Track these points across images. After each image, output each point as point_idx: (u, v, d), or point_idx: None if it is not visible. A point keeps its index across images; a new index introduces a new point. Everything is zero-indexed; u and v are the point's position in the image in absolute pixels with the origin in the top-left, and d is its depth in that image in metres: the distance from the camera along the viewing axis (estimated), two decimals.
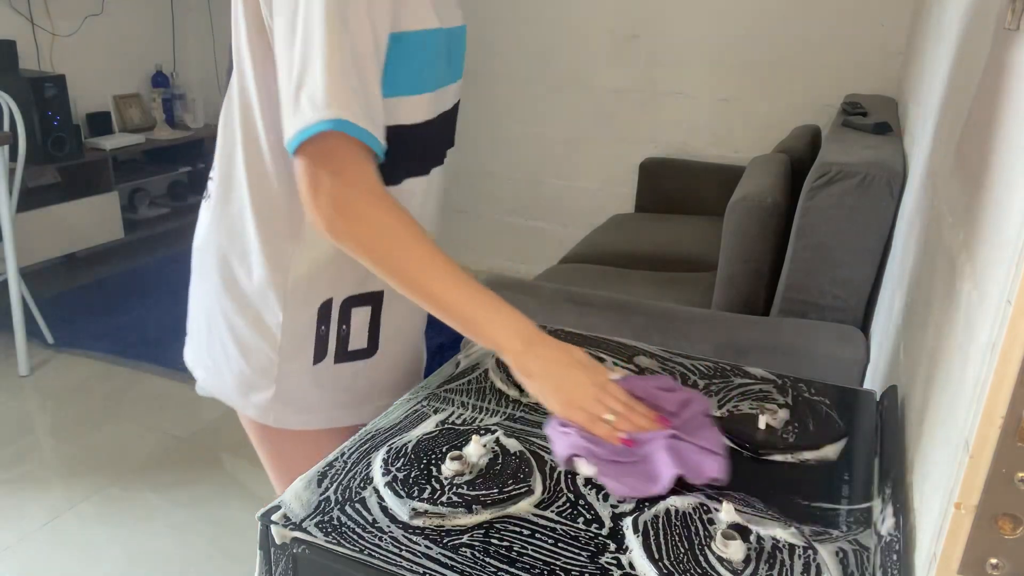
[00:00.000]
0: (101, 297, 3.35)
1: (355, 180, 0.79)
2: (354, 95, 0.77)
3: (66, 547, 1.92)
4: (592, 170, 3.49)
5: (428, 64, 0.89)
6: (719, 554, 0.66)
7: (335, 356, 0.96)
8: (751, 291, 1.83)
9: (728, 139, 3.23)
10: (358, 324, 0.96)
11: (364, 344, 0.97)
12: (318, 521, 0.70)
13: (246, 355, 0.95)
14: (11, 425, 2.43)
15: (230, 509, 2.07)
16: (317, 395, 0.97)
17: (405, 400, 0.93)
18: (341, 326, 0.95)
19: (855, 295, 1.66)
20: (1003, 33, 0.79)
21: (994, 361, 0.50)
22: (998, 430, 0.50)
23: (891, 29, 2.84)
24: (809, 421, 0.89)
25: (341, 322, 0.95)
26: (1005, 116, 0.70)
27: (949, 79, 1.28)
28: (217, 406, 2.77)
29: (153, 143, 3.79)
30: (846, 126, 2.07)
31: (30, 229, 3.14)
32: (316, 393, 0.97)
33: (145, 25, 4.00)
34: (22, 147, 2.72)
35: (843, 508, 0.75)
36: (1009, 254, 0.55)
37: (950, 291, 0.78)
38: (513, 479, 0.76)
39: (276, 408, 0.96)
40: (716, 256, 1.91)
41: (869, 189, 1.58)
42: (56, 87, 3.21)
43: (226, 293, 0.95)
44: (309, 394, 0.96)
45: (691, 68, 3.21)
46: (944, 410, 0.68)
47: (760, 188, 1.86)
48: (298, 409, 0.97)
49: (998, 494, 0.51)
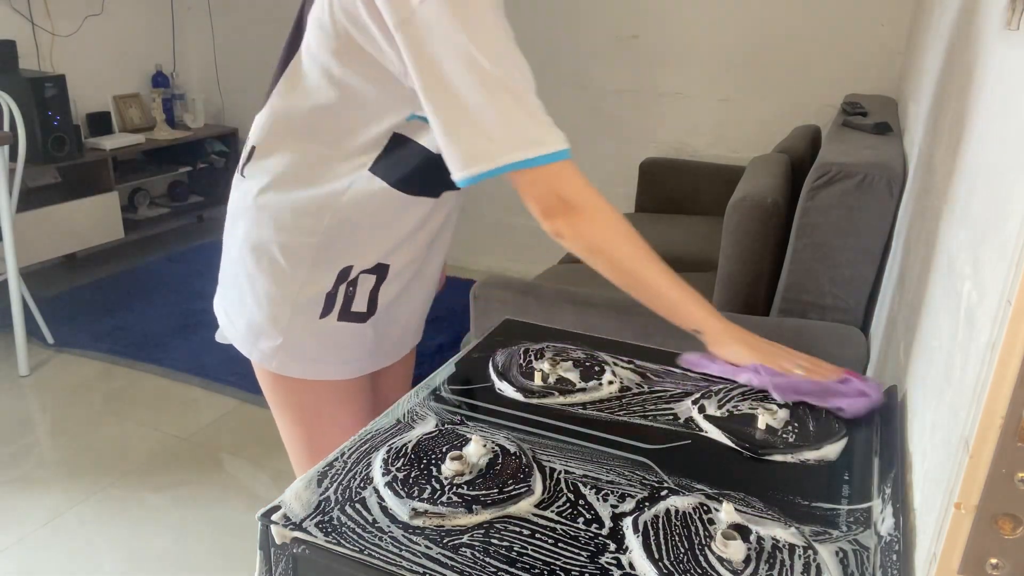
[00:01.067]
0: (101, 297, 3.35)
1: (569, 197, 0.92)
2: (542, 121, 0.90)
3: (66, 547, 1.92)
4: (592, 170, 3.46)
5: None
6: (719, 554, 0.66)
7: (339, 314, 1.05)
8: (751, 291, 1.83)
9: (728, 139, 3.23)
10: (363, 289, 1.05)
11: (364, 308, 1.06)
12: (318, 521, 0.70)
13: (261, 305, 1.05)
14: (11, 425, 2.43)
15: (230, 509, 2.07)
16: (316, 347, 1.07)
17: (405, 400, 0.93)
18: (349, 288, 1.04)
19: (855, 295, 1.66)
20: (1003, 33, 0.79)
21: (994, 361, 0.50)
22: (998, 430, 0.50)
23: (891, 29, 2.83)
24: (809, 421, 0.89)
25: (350, 285, 1.04)
26: (1005, 116, 0.70)
27: (949, 79, 1.28)
28: (217, 406, 2.76)
29: (153, 143, 3.79)
30: (846, 126, 2.07)
31: (30, 229, 3.14)
32: (315, 345, 1.06)
33: (145, 25, 4.00)
34: (22, 147, 2.72)
35: (843, 508, 0.75)
36: (1009, 254, 0.55)
37: (950, 291, 0.78)
38: (513, 479, 0.76)
39: (279, 356, 1.06)
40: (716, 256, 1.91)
41: (869, 189, 1.58)
42: (56, 87, 3.22)
43: (253, 249, 1.04)
44: (309, 346, 1.06)
45: (691, 68, 3.21)
46: (944, 410, 0.68)
47: (760, 188, 1.86)
48: (298, 358, 1.07)
49: (998, 494, 0.51)
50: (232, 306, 1.11)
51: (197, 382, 2.66)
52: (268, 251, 1.03)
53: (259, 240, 1.04)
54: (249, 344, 1.09)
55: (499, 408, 0.91)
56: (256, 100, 1.03)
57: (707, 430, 0.88)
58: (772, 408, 0.89)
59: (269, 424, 2.37)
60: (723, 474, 0.80)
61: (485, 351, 1.06)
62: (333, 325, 1.06)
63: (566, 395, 0.94)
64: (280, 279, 1.04)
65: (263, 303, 1.06)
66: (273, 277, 1.04)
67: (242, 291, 1.08)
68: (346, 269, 1.03)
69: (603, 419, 0.90)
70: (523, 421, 0.88)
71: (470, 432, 0.84)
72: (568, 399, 0.94)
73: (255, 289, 1.06)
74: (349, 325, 1.07)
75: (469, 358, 1.04)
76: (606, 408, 0.93)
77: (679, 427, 0.89)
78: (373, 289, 1.06)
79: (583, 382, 0.97)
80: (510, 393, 0.95)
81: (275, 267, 1.03)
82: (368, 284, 1.05)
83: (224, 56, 4.17)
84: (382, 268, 1.05)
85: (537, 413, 0.90)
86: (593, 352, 1.05)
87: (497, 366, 1.00)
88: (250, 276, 1.06)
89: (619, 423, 0.89)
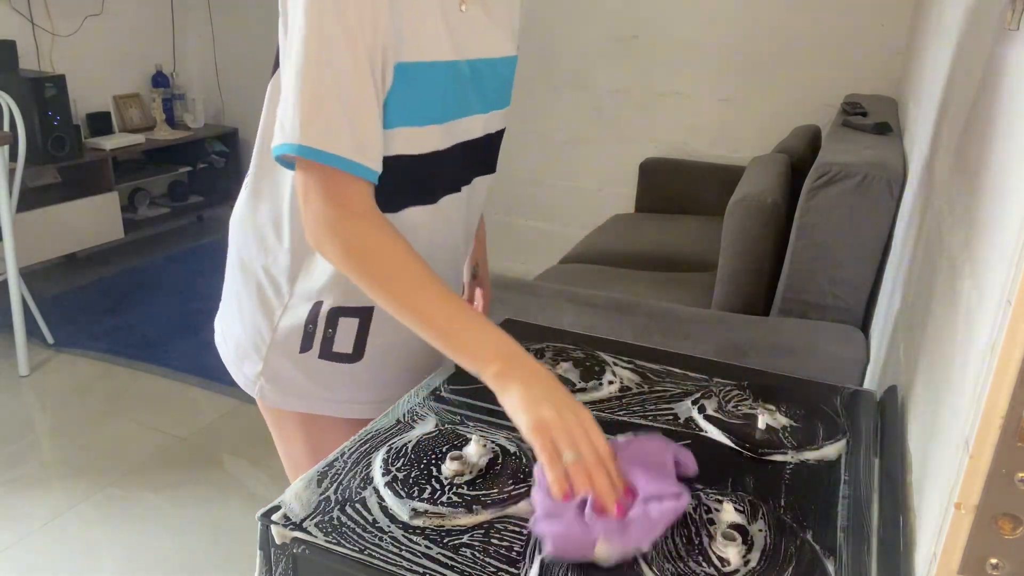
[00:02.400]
0: (101, 297, 3.35)
1: (342, 203, 0.82)
2: (328, 124, 0.79)
3: (66, 547, 1.92)
4: (592, 170, 3.49)
5: (433, 96, 0.89)
6: (719, 554, 0.66)
7: (319, 352, 0.99)
8: (751, 291, 1.83)
9: (728, 139, 3.23)
10: (344, 332, 0.98)
11: (349, 350, 0.99)
12: (318, 521, 0.70)
13: (246, 328, 1.01)
14: (11, 425, 2.43)
15: (230, 509, 2.07)
16: (300, 380, 1.00)
17: (405, 400, 0.93)
18: (327, 329, 0.98)
19: (855, 295, 1.66)
20: (1003, 33, 0.79)
21: (994, 361, 0.50)
22: (998, 430, 0.50)
23: (891, 29, 2.83)
24: (809, 421, 0.89)
25: (328, 326, 0.97)
26: (1005, 116, 0.70)
27: (949, 79, 1.28)
28: (217, 406, 2.76)
29: (153, 143, 3.79)
30: (846, 126, 2.07)
31: (30, 229, 3.14)
32: (299, 378, 1.00)
33: (145, 25, 4.00)
34: (22, 147, 2.72)
35: (843, 508, 0.75)
36: (1009, 254, 0.55)
37: (950, 291, 0.78)
38: (513, 479, 0.76)
39: (260, 383, 1.01)
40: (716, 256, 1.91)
41: (869, 189, 1.58)
42: (56, 87, 3.22)
43: (243, 268, 1.01)
44: (292, 378, 1.00)
45: (691, 68, 3.21)
46: (944, 410, 0.68)
47: (760, 188, 1.86)
48: (280, 389, 1.01)
49: (998, 494, 0.51)
50: (225, 324, 1.06)
51: (197, 382, 2.66)
52: (253, 271, 0.99)
53: (247, 257, 1.00)
54: (235, 367, 1.04)
55: (499, 408, 0.91)
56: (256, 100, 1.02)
57: (707, 430, 0.88)
58: (772, 408, 0.89)
59: None
60: (723, 474, 0.80)
61: None
62: (315, 362, 0.99)
63: None
64: (263, 303, 0.98)
65: (248, 325, 1.01)
66: (258, 299, 0.99)
67: (232, 309, 1.04)
68: (316, 305, 0.96)
69: (603, 419, 0.90)
70: None
71: (470, 432, 0.84)
72: None
73: (242, 309, 1.01)
74: (334, 364, 0.99)
75: None
76: (606, 408, 0.93)
77: (679, 427, 0.89)
78: (359, 332, 0.98)
79: (583, 382, 0.97)
80: None
81: (259, 289, 0.98)
82: (350, 327, 0.98)
83: (224, 56, 4.17)
84: (363, 312, 0.97)
85: None
86: (593, 352, 1.05)
87: None
88: (238, 295, 1.02)
89: (619, 423, 0.89)
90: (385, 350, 1.01)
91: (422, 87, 0.87)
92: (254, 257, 0.98)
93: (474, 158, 1.01)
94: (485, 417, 0.89)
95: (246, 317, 1.00)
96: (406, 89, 0.86)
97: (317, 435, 1.03)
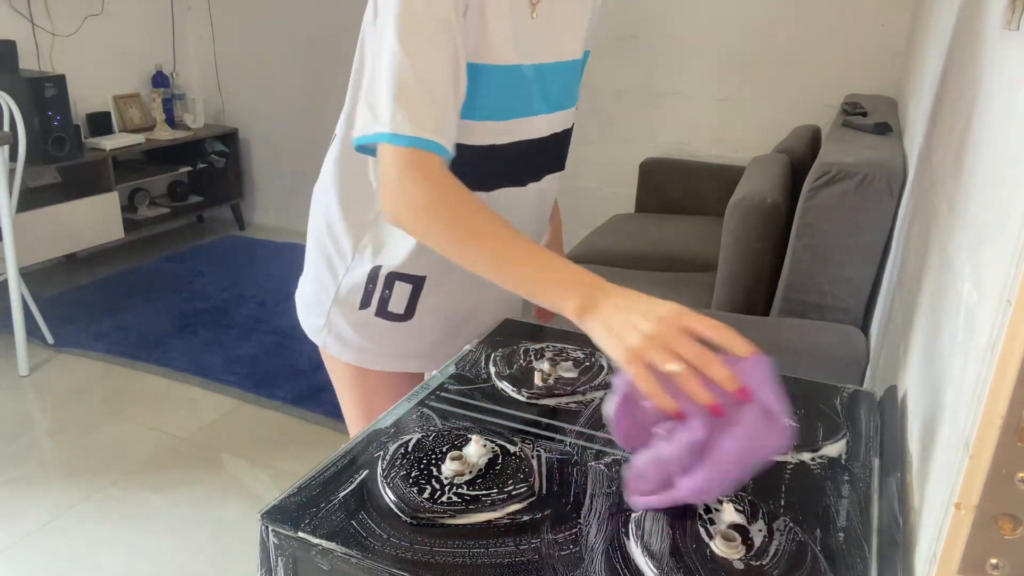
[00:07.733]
0: (101, 297, 3.35)
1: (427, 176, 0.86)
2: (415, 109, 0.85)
3: (66, 547, 1.92)
4: (592, 170, 3.49)
5: (489, 95, 0.95)
6: (719, 554, 0.66)
7: (376, 311, 1.08)
8: (751, 291, 1.83)
9: (728, 139, 3.23)
10: (399, 294, 1.07)
11: (402, 311, 1.08)
12: (318, 521, 0.70)
13: (317, 284, 1.12)
14: (11, 425, 2.43)
15: (230, 509, 2.07)
16: (355, 335, 1.10)
17: (406, 400, 0.93)
18: (384, 290, 1.07)
19: (855, 295, 1.66)
20: (1003, 33, 0.79)
21: (994, 361, 0.50)
22: (998, 430, 0.50)
23: (891, 29, 2.84)
24: (809, 421, 0.89)
25: (385, 287, 1.07)
26: (1005, 116, 0.70)
27: (949, 79, 1.28)
28: (217, 406, 2.75)
29: (153, 143, 3.79)
30: (846, 126, 2.07)
31: (30, 229, 3.14)
32: (355, 333, 1.10)
33: (145, 25, 4.00)
34: (22, 147, 2.72)
35: (843, 508, 0.75)
36: (1009, 254, 0.55)
37: (950, 291, 0.78)
38: (513, 479, 0.76)
39: (323, 335, 1.12)
40: (716, 256, 1.91)
41: (869, 189, 1.58)
42: (56, 87, 3.21)
43: (317, 232, 1.10)
44: (349, 332, 1.10)
45: (691, 68, 3.21)
46: (944, 410, 0.68)
47: (760, 188, 1.87)
48: (339, 341, 1.11)
49: (998, 494, 0.51)
50: (303, 280, 1.17)
51: (197, 382, 2.66)
52: (330, 226, 1.07)
53: (321, 223, 1.08)
54: (304, 315, 1.15)
55: (499, 408, 0.91)
56: (256, 100, 1.03)
57: None
58: None
59: (269, 424, 2.38)
60: None
61: (485, 351, 1.06)
62: (371, 319, 1.08)
63: (566, 395, 0.94)
64: (330, 260, 1.08)
65: (314, 280, 1.12)
66: (326, 256, 1.09)
67: (309, 268, 1.14)
68: (376, 268, 1.05)
69: (603, 419, 0.89)
70: (523, 421, 0.88)
71: (470, 432, 0.84)
72: (568, 399, 0.94)
73: (316, 267, 1.12)
74: (388, 322, 1.09)
75: (469, 358, 1.04)
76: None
77: None
78: (412, 296, 1.07)
79: (583, 382, 0.97)
80: (510, 393, 0.95)
81: (328, 251, 1.08)
82: (404, 290, 1.07)
83: (224, 56, 4.17)
84: (416, 279, 1.06)
85: (537, 413, 0.90)
86: (593, 352, 1.05)
87: (497, 366, 1.00)
88: (313, 255, 1.12)
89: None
90: (432, 311, 1.10)
91: (482, 87, 0.93)
92: (330, 222, 1.07)
93: (540, 155, 1.07)
94: (485, 417, 0.89)
95: (317, 275, 1.11)
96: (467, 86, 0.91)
97: (362, 390, 1.14)
